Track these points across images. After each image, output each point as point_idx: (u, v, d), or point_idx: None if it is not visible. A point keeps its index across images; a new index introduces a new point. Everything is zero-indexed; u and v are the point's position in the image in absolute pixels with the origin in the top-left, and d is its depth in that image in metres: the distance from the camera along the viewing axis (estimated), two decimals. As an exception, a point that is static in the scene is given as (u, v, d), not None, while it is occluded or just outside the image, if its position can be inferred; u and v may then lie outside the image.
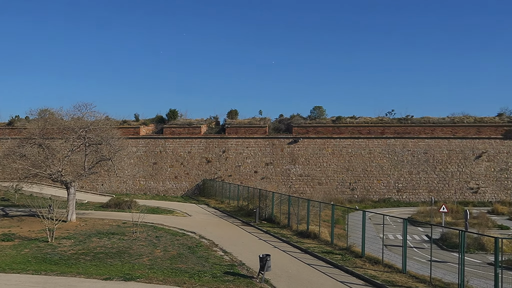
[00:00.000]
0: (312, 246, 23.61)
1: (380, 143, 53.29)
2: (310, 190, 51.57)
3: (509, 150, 51.58)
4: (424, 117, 55.03)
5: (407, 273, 18.45)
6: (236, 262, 19.81)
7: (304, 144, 53.97)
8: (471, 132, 52.77)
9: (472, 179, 51.21)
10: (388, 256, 21.44)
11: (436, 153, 52.39)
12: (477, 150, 51.97)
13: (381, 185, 52.00)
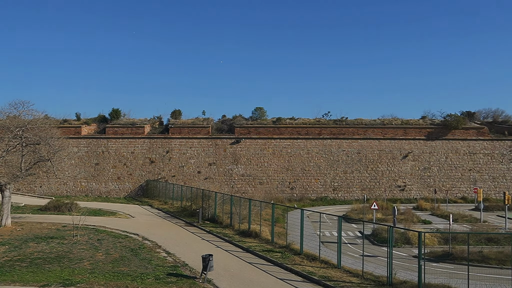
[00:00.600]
0: (253, 245, 23.83)
1: (318, 143, 54.68)
2: (252, 190, 51.99)
3: (431, 150, 54.64)
4: (358, 119, 57.12)
5: (342, 268, 19.10)
6: (179, 263, 19.62)
7: (246, 144, 54.32)
8: (398, 133, 55.39)
9: (400, 178, 53.80)
10: (325, 252, 22.10)
11: (368, 153, 54.49)
12: (404, 150, 54.60)
13: (319, 184, 53.38)
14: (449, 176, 53.72)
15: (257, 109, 58.68)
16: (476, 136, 55.16)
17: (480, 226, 32.32)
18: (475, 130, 55.64)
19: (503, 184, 52.85)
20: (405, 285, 16.44)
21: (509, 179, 53.19)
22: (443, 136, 55.14)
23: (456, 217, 34.83)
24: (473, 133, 55.39)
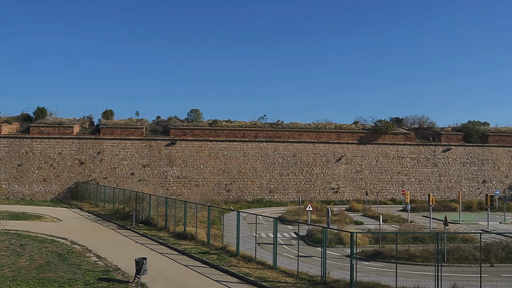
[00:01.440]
0: (189, 247, 23.63)
1: (254, 146, 55.23)
2: (188, 192, 51.49)
3: (363, 154, 57.07)
4: (293, 123, 58.40)
5: (277, 268, 19.43)
6: (111, 267, 19.02)
7: (182, 146, 53.73)
8: (332, 137, 57.29)
9: (334, 180, 55.66)
10: (261, 253, 22.38)
11: (303, 156, 55.84)
12: (337, 153, 56.55)
13: (255, 186, 53.93)
14: (380, 179, 56.36)
15: (193, 111, 58.30)
16: (404, 141, 58.33)
17: (408, 226, 34.23)
18: (403, 135, 58.82)
19: (428, 187, 56.30)
20: (338, 283, 17.04)
21: (433, 182, 56.76)
22: (374, 141, 57.75)
23: (386, 218, 36.59)
24: (401, 138, 58.51)
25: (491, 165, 58.51)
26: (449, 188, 56.65)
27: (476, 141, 59.20)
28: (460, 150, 58.58)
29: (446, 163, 57.75)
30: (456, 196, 45.32)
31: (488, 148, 59.13)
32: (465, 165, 58.05)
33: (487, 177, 57.97)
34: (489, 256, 22.48)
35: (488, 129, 62.84)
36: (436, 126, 62.97)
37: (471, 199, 52.55)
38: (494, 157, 58.91)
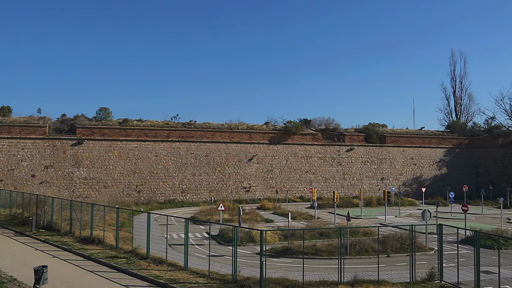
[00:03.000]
0: (96, 252, 22.61)
1: (166, 146, 54.27)
2: (96, 194, 49.21)
3: (274, 153, 58.60)
4: (206, 123, 58.30)
5: (189, 269, 19.30)
6: (6, 278, 17.59)
7: (90, 146, 51.22)
8: (244, 137, 58.10)
9: (245, 179, 56.49)
10: (172, 255, 22.06)
11: (216, 156, 55.97)
12: (249, 153, 57.45)
13: (167, 187, 53.00)
14: (289, 178, 58.24)
15: (102, 109, 55.88)
16: (312, 141, 60.83)
17: (315, 222, 35.77)
18: (311, 136, 61.31)
19: (333, 184, 59.28)
20: (248, 281, 17.33)
21: (338, 180, 59.88)
22: (284, 141, 59.51)
23: (294, 215, 37.89)
24: (309, 139, 60.94)
25: (388, 164, 63.08)
26: (352, 185, 60.15)
27: (375, 141, 63.42)
28: (361, 150, 62.39)
29: (349, 162, 61.22)
30: (358, 193, 48.15)
31: (385, 148, 63.65)
32: (366, 163, 61.98)
33: (385, 174, 62.42)
34: (386, 248, 24.18)
35: (386, 130, 67.64)
36: (340, 127, 66.41)
37: (371, 195, 56.17)
38: (391, 156, 63.57)
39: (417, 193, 56.70)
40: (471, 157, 67.53)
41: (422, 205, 48.32)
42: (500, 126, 71.04)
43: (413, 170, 64.25)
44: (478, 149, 67.56)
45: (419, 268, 19.37)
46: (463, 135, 69.77)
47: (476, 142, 68.38)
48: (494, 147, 66.18)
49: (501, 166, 64.93)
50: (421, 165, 64.88)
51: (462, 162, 67.01)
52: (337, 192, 45.53)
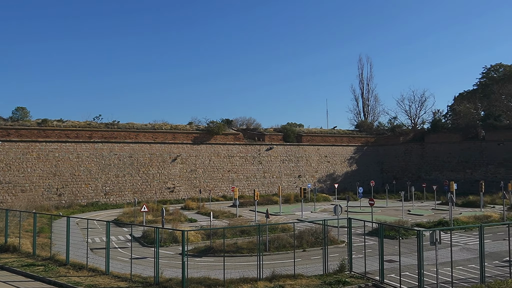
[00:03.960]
0: (11, 260, 20.97)
1: (88, 147, 51.70)
2: (12, 199, 45.57)
3: (197, 153, 58.13)
4: (129, 123, 56.35)
5: (111, 274, 18.56)
6: None
7: (5, 148, 47.34)
8: (168, 137, 56.99)
9: (169, 180, 55.45)
10: (94, 260, 21.08)
11: (139, 157, 54.32)
12: (173, 154, 56.47)
13: (89, 189, 50.50)
14: (212, 177, 58.07)
15: (19, 109, 51.89)
16: (234, 141, 61.15)
17: (236, 220, 35.94)
18: (233, 135, 61.61)
19: (254, 183, 60.02)
20: (170, 282, 17.04)
21: (258, 178, 60.76)
22: (207, 141, 59.22)
23: (217, 214, 37.84)
24: (231, 138, 61.20)
25: (304, 162, 65.15)
26: (272, 183, 61.33)
27: (293, 140, 65.19)
28: (280, 149, 63.83)
29: (269, 161, 62.39)
30: (277, 190, 49.12)
31: (302, 147, 65.68)
32: (285, 162, 63.53)
33: (302, 172, 64.40)
34: (302, 242, 24.93)
35: (302, 130, 69.79)
36: (261, 127, 67.44)
37: (289, 192, 57.58)
38: (307, 154, 65.72)
39: (331, 189, 59.09)
40: (377, 154, 71.74)
41: (335, 200, 50.43)
42: (401, 126, 76.29)
43: (327, 168, 66.93)
44: (383, 147, 71.93)
45: (332, 260, 20.20)
46: (370, 134, 73.91)
47: (381, 140, 72.73)
48: (397, 144, 70.87)
49: (403, 162, 69.72)
50: (334, 162, 67.77)
51: (369, 159, 70.98)
52: (257, 190, 46.16)
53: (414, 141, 69.89)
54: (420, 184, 56.01)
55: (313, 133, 68.64)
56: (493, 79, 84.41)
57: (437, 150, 66.66)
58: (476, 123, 68.37)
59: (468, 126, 67.38)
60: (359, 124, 79.48)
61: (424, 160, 67.76)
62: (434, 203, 48.03)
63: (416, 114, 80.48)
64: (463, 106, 74.64)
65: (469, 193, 52.52)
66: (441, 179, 59.90)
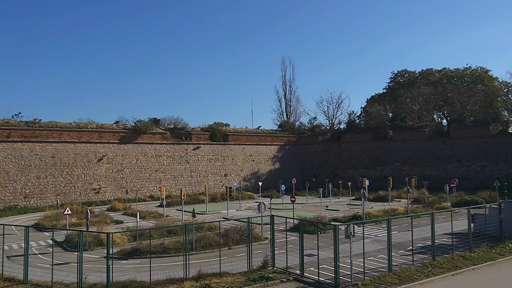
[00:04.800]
0: None
1: (6, 147, 47.66)
2: None
3: (124, 153, 56.03)
4: (52, 121, 52.85)
5: (29, 282, 17.32)
6: None
7: None
8: (94, 137, 54.28)
9: (95, 181, 52.87)
10: (11, 268, 19.53)
11: (63, 157, 51.16)
12: (99, 153, 53.91)
13: (7, 192, 46.56)
14: (139, 177, 56.29)
15: None
16: (161, 140, 59.77)
17: (163, 220, 35.13)
18: (160, 135, 60.19)
19: (181, 182, 59.13)
20: (95, 287, 16.27)
21: (186, 177, 59.94)
22: (134, 140, 57.28)
23: (144, 215, 36.72)
24: (158, 138, 59.75)
25: (230, 161, 65.41)
26: (199, 182, 60.79)
27: (219, 140, 65.16)
28: (207, 148, 63.48)
29: (196, 160, 61.81)
30: (204, 189, 48.75)
31: (228, 146, 65.87)
32: (211, 161, 63.30)
33: (228, 171, 64.59)
34: (228, 240, 24.96)
35: (228, 129, 70.05)
36: (188, 126, 66.60)
37: (216, 191, 57.38)
38: (232, 153, 66.03)
39: (255, 187, 59.83)
40: (298, 153, 73.95)
41: (259, 198, 51.15)
42: (320, 126, 79.43)
43: (252, 166, 67.75)
44: (304, 146, 74.31)
45: (256, 256, 20.50)
46: (292, 133, 75.99)
47: (302, 139, 75.08)
48: (316, 143, 73.57)
49: (321, 160, 72.55)
50: (258, 161, 68.77)
51: (291, 158, 72.97)
52: (184, 189, 45.55)
53: (332, 140, 72.99)
54: (337, 181, 58.51)
55: (239, 133, 69.16)
56: (399, 83, 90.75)
57: (352, 149, 70.21)
58: (385, 123, 72.99)
59: (379, 126, 71.78)
60: (282, 124, 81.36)
61: (340, 158, 71.02)
62: (349, 199, 50.49)
63: (334, 115, 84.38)
64: (374, 108, 79.46)
65: (379, 188, 55.85)
66: (355, 176, 63.13)
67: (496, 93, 79.65)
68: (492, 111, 72.36)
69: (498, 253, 21.78)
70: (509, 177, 52.93)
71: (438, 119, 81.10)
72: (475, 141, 61.70)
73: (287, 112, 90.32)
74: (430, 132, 66.27)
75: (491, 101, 77.09)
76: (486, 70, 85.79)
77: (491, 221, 24.55)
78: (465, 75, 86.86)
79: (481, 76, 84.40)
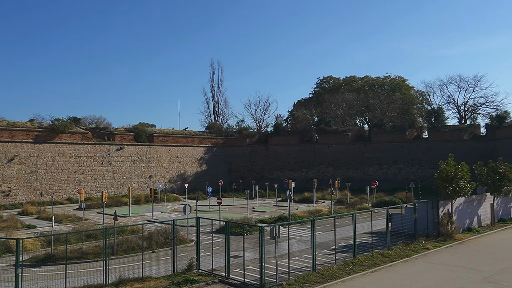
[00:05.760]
0: None
1: None
2: None
3: (39, 153, 52.35)
4: (-48, 118, 48.02)
5: None
6: None
7: None
8: (4, 136, 50.14)
9: (4, 182, 48.71)
10: None
11: (-34, 157, 46.59)
12: (9, 153, 49.88)
13: None
14: (56, 179, 52.86)
15: None
16: (82, 140, 56.72)
17: (82, 224, 33.28)
18: (80, 134, 57.10)
19: (103, 184, 56.50)
20: (1, 298, 14.95)
21: (108, 179, 57.38)
22: (51, 140, 53.77)
23: (60, 218, 34.55)
24: (78, 138, 56.64)
25: (156, 162, 63.78)
26: (122, 184, 58.49)
27: (144, 141, 63.29)
28: (131, 149, 61.34)
29: (119, 161, 59.46)
30: (127, 191, 47.06)
31: (154, 147, 64.18)
32: (135, 162, 61.24)
33: (153, 172, 62.91)
34: (151, 244, 24.26)
35: (154, 130, 68.35)
36: (111, 126, 64.00)
37: (140, 193, 55.65)
38: (158, 155, 64.46)
39: (181, 189, 58.93)
40: (225, 155, 74.08)
41: (185, 200, 50.44)
42: (248, 128, 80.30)
43: (178, 168, 66.64)
44: (231, 148, 74.62)
45: (181, 259, 20.14)
46: (220, 135, 75.98)
47: (229, 141, 75.34)
48: (243, 146, 74.22)
49: (248, 162, 73.32)
50: (185, 163, 67.81)
51: (218, 160, 72.89)
52: (106, 191, 43.62)
53: (259, 143, 74.05)
54: (263, 182, 59.46)
55: (165, 134, 67.74)
56: (325, 89, 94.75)
57: (279, 152, 71.78)
58: (311, 127, 75.64)
59: (305, 130, 74.22)
60: (210, 125, 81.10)
61: (267, 161, 72.28)
62: (275, 200, 51.47)
63: (261, 118, 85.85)
64: (300, 112, 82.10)
65: (305, 190, 57.61)
66: (282, 178, 64.60)
67: (412, 101, 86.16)
68: (409, 117, 77.96)
69: (413, 250, 23.39)
70: (423, 179, 57.23)
71: (360, 124, 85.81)
72: (393, 145, 66.01)
73: (215, 114, 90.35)
74: (352, 136, 69.75)
75: (408, 108, 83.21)
76: (403, 79, 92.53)
77: (407, 220, 26.31)
78: (385, 83, 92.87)
79: (399, 85, 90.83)
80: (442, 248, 24.19)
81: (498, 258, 22.01)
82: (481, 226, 30.71)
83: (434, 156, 58.82)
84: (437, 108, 72.91)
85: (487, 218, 31.67)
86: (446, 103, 77.21)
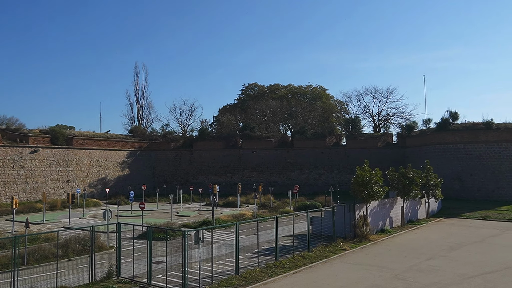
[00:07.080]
0: None
1: None
2: None
3: None
4: None
5: None
6: None
7: None
8: None
9: None
10: None
11: None
12: None
13: None
14: (-43, 183, 47.70)
15: None
16: (-11, 142, 51.84)
17: (-12, 232, 30.42)
18: (-12, 136, 52.17)
19: (14, 189, 51.96)
20: None
21: (19, 184, 52.92)
22: (-49, 141, 48.48)
23: (-39, 227, 31.26)
24: (-14, 139, 51.72)
25: (74, 166, 60.17)
26: (36, 189, 54.28)
27: (62, 143, 59.41)
28: (47, 152, 57.26)
29: (33, 165, 55.21)
30: (42, 197, 43.82)
31: (72, 150, 60.49)
32: (52, 166, 57.27)
33: (71, 176, 59.25)
34: (68, 251, 22.80)
35: (73, 132, 64.51)
36: (25, 128, 59.19)
37: (56, 199, 52.12)
38: (77, 158, 60.87)
39: (102, 193, 56.16)
40: (149, 159, 72.03)
41: (106, 205, 48.20)
42: (173, 132, 78.89)
43: (99, 172, 63.50)
44: (155, 152, 72.73)
45: (100, 267, 19.19)
46: (144, 139, 73.69)
47: (153, 145, 73.37)
48: (168, 150, 72.70)
49: (173, 167, 71.96)
50: (106, 167, 64.80)
51: (142, 164, 70.64)
52: (18, 197, 40.34)
53: (184, 147, 73.01)
54: (188, 187, 58.66)
55: (85, 137, 64.23)
56: (249, 96, 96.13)
57: (204, 156, 71.32)
58: (236, 133, 76.16)
59: (230, 135, 74.58)
60: (133, 129, 78.40)
61: (192, 165, 71.46)
62: (200, 205, 51.02)
63: (186, 122, 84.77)
64: (225, 117, 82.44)
65: (229, 194, 57.80)
66: (206, 183, 64.21)
67: (331, 110, 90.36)
68: (329, 125, 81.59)
69: (331, 251, 24.40)
70: (341, 183, 59.94)
71: (283, 131, 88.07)
72: (314, 152, 68.53)
73: (138, 118, 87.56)
74: (276, 142, 71.35)
75: (328, 117, 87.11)
76: (324, 89, 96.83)
77: (326, 223, 27.41)
78: (307, 92, 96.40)
79: (320, 94, 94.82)
80: (358, 249, 25.52)
81: (407, 257, 23.70)
82: (393, 227, 32.87)
83: (351, 162, 62.11)
84: (354, 117, 77.01)
85: (398, 219, 33.99)
86: (363, 112, 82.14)
